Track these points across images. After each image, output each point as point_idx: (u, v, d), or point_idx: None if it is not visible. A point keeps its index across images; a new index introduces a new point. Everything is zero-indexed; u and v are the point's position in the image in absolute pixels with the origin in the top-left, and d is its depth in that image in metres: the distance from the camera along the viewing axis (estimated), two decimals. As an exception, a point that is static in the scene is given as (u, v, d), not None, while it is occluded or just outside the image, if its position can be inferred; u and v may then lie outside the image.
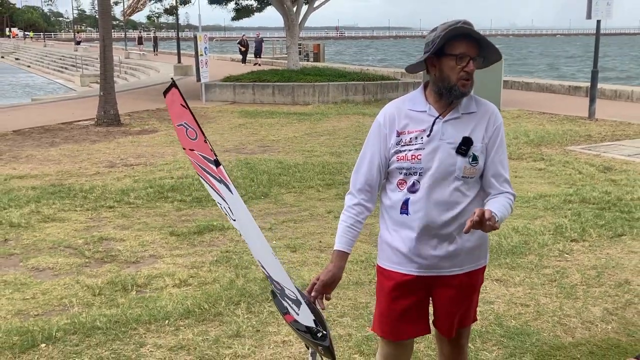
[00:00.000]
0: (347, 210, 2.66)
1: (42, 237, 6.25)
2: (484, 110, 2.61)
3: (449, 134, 2.54)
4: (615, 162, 9.49)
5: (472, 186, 2.59)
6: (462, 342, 2.89)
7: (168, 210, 7.15)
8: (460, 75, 2.49)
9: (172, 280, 5.06)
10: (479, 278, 2.75)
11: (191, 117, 2.28)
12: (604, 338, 4.04)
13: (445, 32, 2.46)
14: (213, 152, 2.29)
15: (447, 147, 2.53)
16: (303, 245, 5.90)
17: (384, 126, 2.61)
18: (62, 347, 3.98)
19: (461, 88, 2.51)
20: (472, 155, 2.54)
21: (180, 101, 2.29)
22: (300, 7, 21.44)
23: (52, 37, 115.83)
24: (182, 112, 2.31)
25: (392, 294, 2.66)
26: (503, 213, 2.52)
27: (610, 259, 5.46)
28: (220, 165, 2.29)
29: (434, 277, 2.64)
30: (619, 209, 6.90)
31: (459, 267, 2.64)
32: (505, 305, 4.54)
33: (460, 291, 2.68)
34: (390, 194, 2.64)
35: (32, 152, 10.94)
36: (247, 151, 10.86)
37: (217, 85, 19.26)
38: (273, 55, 42.19)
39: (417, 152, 2.54)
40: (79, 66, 39.64)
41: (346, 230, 2.63)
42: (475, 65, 2.51)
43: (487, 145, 2.59)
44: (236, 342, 4.02)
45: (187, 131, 2.33)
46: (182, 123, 2.33)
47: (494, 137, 2.59)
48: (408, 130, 2.57)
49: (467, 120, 2.57)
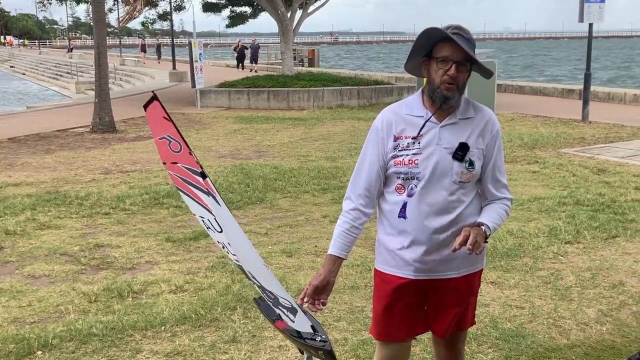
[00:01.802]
0: (344, 215, 2.67)
1: (38, 244, 6.25)
2: (482, 115, 2.62)
3: (446, 139, 2.55)
4: (609, 164, 9.53)
5: (469, 191, 2.62)
6: (459, 345, 2.91)
7: (164, 217, 7.15)
8: (443, 78, 2.50)
9: (168, 286, 5.06)
10: (475, 281, 2.77)
11: (174, 129, 2.26)
12: (599, 339, 4.06)
13: (423, 36, 2.51)
14: (199, 164, 2.29)
15: (444, 152, 2.55)
16: (299, 250, 5.91)
17: (381, 130, 2.63)
18: (59, 355, 3.98)
19: (444, 91, 2.51)
20: (468, 161, 2.56)
21: (163, 114, 2.26)
22: (295, 12, 21.48)
23: (46, 44, 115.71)
24: (164, 125, 2.28)
25: (389, 296, 2.68)
26: (496, 222, 2.61)
27: (604, 260, 5.49)
28: (207, 177, 2.28)
29: (431, 280, 2.66)
30: (612, 210, 6.94)
31: (455, 271, 2.66)
32: (500, 307, 4.56)
33: (456, 294, 2.70)
34: (389, 198, 2.65)
35: (28, 159, 10.93)
36: (243, 156, 10.87)
37: (212, 91, 19.29)
38: (268, 61, 42.21)
39: (414, 157, 2.56)
40: (74, 73, 39.59)
41: (341, 234, 2.64)
42: (460, 70, 2.50)
43: (485, 152, 2.61)
44: (232, 348, 4.02)
45: (171, 144, 2.31)
46: (165, 136, 2.30)
47: (492, 144, 2.62)
48: (405, 135, 2.59)
49: (465, 125, 2.58)
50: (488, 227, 2.55)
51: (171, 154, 2.33)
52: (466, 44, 2.48)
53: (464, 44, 2.47)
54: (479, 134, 2.59)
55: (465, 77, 2.55)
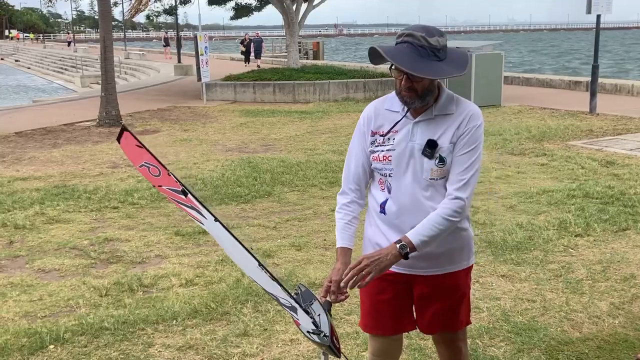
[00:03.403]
0: (342, 208, 2.67)
1: (47, 238, 6.26)
2: (461, 111, 2.52)
3: (419, 136, 2.51)
4: (618, 156, 9.49)
5: (444, 187, 2.54)
6: (458, 344, 2.87)
7: (172, 211, 7.15)
8: (400, 87, 2.48)
9: (178, 280, 5.07)
10: (460, 280, 2.71)
11: (149, 155, 2.32)
12: (612, 332, 4.05)
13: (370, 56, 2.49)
14: (179, 183, 2.34)
15: (416, 148, 2.51)
16: (308, 244, 5.90)
17: (363, 125, 2.64)
18: (71, 349, 3.99)
19: (404, 97, 2.49)
20: (438, 157, 2.49)
21: (135, 142, 2.32)
22: (300, 5, 21.42)
23: (51, 38, 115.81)
24: (139, 153, 2.34)
25: (373, 289, 2.67)
26: (427, 235, 2.43)
27: (615, 253, 5.47)
28: (188, 194, 2.33)
29: (414, 275, 2.65)
30: (622, 203, 6.91)
31: (438, 268, 2.63)
32: (511, 301, 4.55)
33: (439, 291, 2.67)
34: (374, 193, 2.67)
35: (35, 153, 10.95)
36: (250, 150, 10.86)
37: (218, 85, 19.27)
38: (272, 54, 42.10)
39: (388, 153, 2.55)
40: (78, 67, 39.67)
41: (345, 227, 2.64)
42: (414, 79, 2.42)
43: (455, 144, 2.51)
44: (244, 341, 4.03)
45: (150, 169, 2.37)
46: (143, 163, 2.36)
47: (463, 136, 2.50)
48: (382, 130, 2.58)
49: (441, 121, 2.51)
50: (410, 243, 2.42)
51: (154, 179, 2.39)
52: (412, 54, 2.38)
53: (406, 58, 2.37)
54: (455, 130, 2.50)
55: (426, 84, 2.45)
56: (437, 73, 2.40)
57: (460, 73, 2.47)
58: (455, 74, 2.44)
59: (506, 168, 8.89)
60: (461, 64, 2.48)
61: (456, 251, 2.65)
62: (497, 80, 15.80)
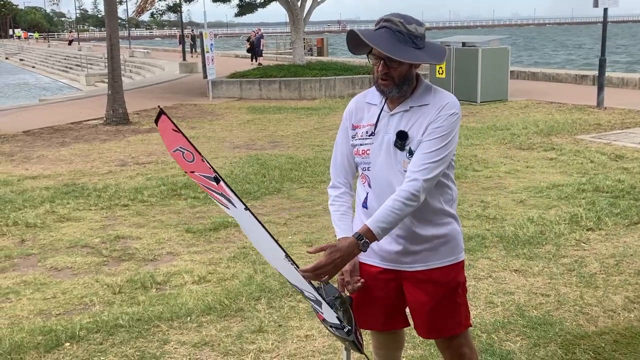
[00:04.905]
0: (335, 200, 2.67)
1: (59, 236, 6.27)
2: (437, 101, 2.47)
3: (394, 128, 2.49)
4: (627, 150, 9.45)
5: None
6: (463, 350, 2.78)
7: (182, 208, 7.16)
8: (377, 74, 2.45)
9: (191, 277, 5.08)
10: (450, 276, 2.63)
11: (185, 140, 2.29)
12: (627, 326, 4.04)
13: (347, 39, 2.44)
14: (212, 169, 2.31)
15: (392, 140, 2.49)
16: (319, 240, 5.90)
17: (346, 119, 2.66)
18: (87, 346, 4.00)
19: (380, 86, 2.47)
20: (408, 149, 2.46)
21: (172, 126, 2.30)
22: (305, 1, 21.39)
23: (55, 37, 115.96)
24: (175, 137, 2.32)
25: (364, 284, 2.65)
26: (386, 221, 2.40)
27: (627, 247, 5.45)
28: (220, 182, 2.31)
29: (401, 271, 2.62)
30: (633, 197, 6.88)
31: (422, 263, 2.59)
32: (525, 295, 4.54)
33: (427, 287, 2.61)
34: (358, 187, 2.68)
35: (43, 152, 10.97)
36: (257, 147, 10.86)
37: (224, 82, 19.27)
38: (277, 51, 42.03)
39: (367, 147, 2.55)
40: (83, 66, 39.74)
41: (341, 217, 2.64)
42: (391, 65, 2.40)
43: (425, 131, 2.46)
44: (259, 338, 4.03)
45: (184, 154, 2.35)
46: (177, 148, 2.35)
47: (434, 122, 2.43)
48: (362, 124, 2.58)
49: (416, 112, 2.48)
50: (369, 232, 2.39)
51: (187, 164, 2.38)
52: (390, 39, 2.35)
53: (383, 41, 2.34)
54: (428, 120, 2.44)
55: (403, 71, 2.42)
56: (414, 58, 2.39)
57: (438, 62, 2.48)
58: (432, 62, 2.44)
59: (515, 163, 8.87)
60: (439, 55, 2.47)
61: (440, 245, 2.59)
62: (504, 74, 15.75)
